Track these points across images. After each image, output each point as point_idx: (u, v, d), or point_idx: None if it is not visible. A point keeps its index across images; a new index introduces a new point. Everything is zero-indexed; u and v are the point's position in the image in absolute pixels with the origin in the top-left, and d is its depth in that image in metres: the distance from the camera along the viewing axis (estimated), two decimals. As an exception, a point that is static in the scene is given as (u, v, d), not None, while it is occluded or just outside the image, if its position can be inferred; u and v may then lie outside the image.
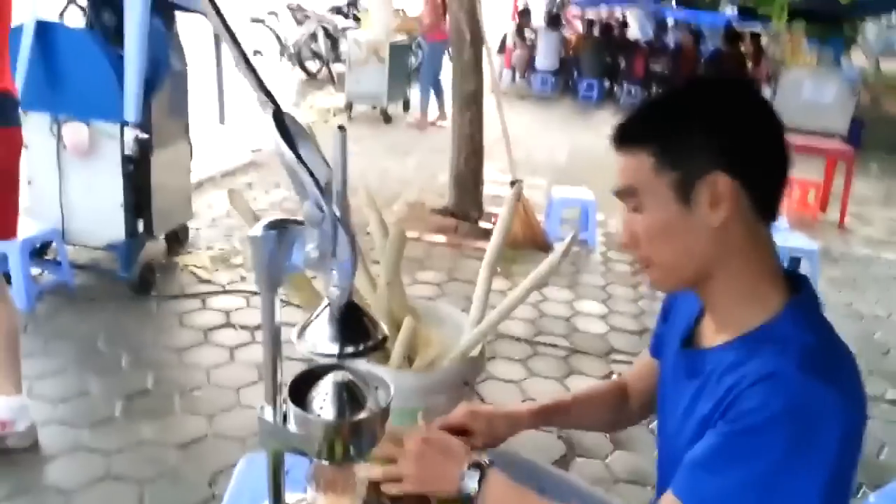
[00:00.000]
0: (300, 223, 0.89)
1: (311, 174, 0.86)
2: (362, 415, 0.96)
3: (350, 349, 0.90)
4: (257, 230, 0.89)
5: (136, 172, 3.17)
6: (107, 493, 2.02)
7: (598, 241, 4.69)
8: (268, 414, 0.99)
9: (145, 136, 3.12)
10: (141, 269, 3.25)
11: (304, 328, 0.93)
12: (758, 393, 0.83)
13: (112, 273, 3.28)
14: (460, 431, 1.19)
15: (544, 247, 4.38)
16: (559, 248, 1.45)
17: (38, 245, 3.22)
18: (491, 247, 1.63)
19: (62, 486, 2.02)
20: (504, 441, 1.24)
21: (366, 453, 1.00)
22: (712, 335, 1.00)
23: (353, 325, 0.92)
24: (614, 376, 1.73)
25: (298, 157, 0.85)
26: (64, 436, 2.25)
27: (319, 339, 0.90)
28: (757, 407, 0.82)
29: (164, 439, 2.27)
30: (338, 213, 0.87)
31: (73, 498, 1.98)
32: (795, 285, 0.96)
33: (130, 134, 3.07)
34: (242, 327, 3.09)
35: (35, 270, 3.22)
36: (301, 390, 0.99)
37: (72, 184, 3.17)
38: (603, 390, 1.32)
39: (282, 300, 0.93)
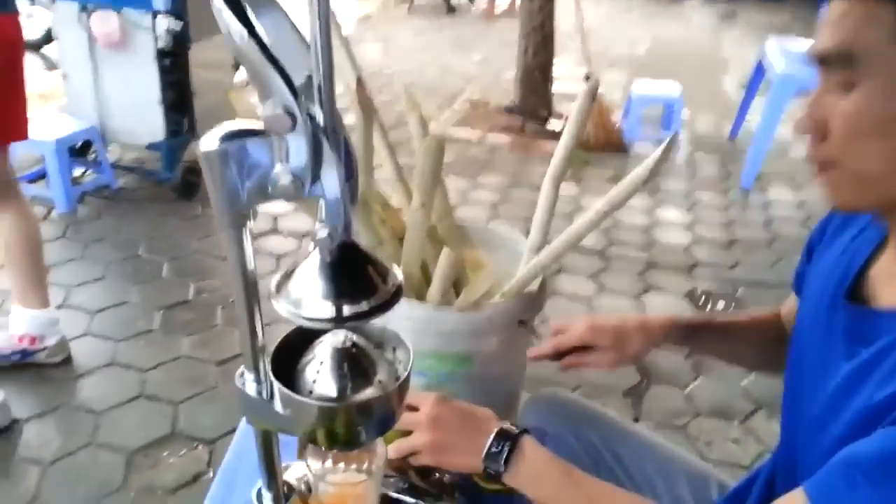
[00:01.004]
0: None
1: (273, 60, 0.56)
2: (370, 392, 0.70)
3: (350, 310, 0.62)
4: (211, 142, 0.61)
5: (173, 67, 2.92)
6: (139, 413, 1.88)
7: (683, 141, 4.24)
8: (249, 386, 0.75)
9: (180, 25, 2.84)
10: (184, 171, 3.05)
11: (283, 280, 0.66)
12: None
13: (156, 174, 3.11)
14: (582, 350, 1.03)
15: (621, 148, 3.97)
16: (651, 158, 1.11)
17: (78, 144, 3.05)
18: (556, 158, 1.30)
19: (93, 406, 1.89)
20: (638, 359, 1.03)
21: (378, 436, 0.75)
22: None
23: (352, 274, 0.64)
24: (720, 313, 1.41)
25: (251, 31, 0.55)
26: (99, 350, 2.11)
27: (307, 298, 0.63)
28: None
29: (204, 355, 2.12)
30: (320, 119, 0.58)
31: (103, 418, 1.86)
32: None
33: (163, 23, 2.80)
34: (290, 234, 2.89)
35: (78, 171, 3.08)
36: (290, 354, 0.74)
37: (107, 79, 2.95)
38: (764, 318, 1.05)
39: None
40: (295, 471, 0.90)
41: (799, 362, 0.81)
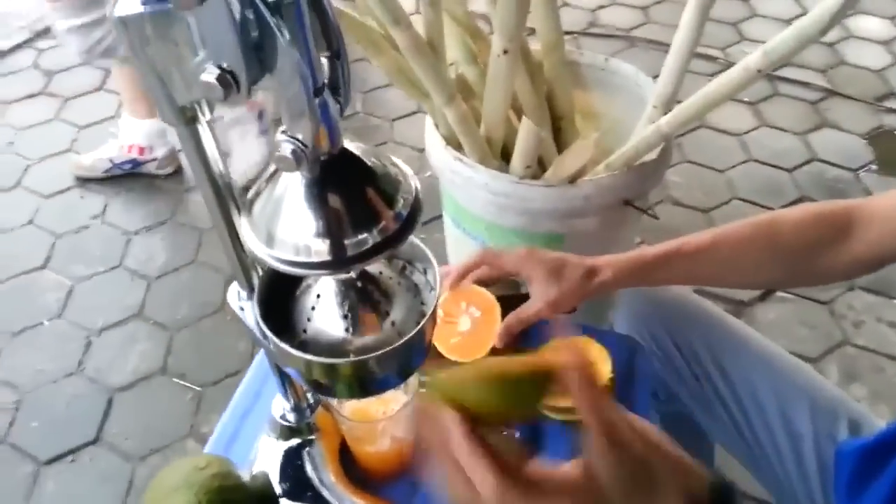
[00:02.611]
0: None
1: None
2: (377, 339, 0.54)
3: (354, 246, 0.44)
4: (127, 2, 0.42)
5: None
6: (240, 234, 1.87)
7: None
8: (246, 309, 0.61)
9: None
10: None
11: (253, 200, 0.48)
12: None
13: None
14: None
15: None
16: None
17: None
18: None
19: (198, 223, 1.90)
20: (575, 300, 0.80)
21: (397, 385, 0.60)
22: None
23: (351, 195, 0.46)
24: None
25: None
26: (206, 162, 2.09)
27: (284, 231, 0.46)
28: None
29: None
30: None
31: (207, 236, 1.86)
32: None
33: None
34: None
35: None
36: (284, 280, 0.58)
37: None
38: (794, 218, 0.78)
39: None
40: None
41: None
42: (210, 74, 0.40)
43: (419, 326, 0.53)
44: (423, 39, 0.88)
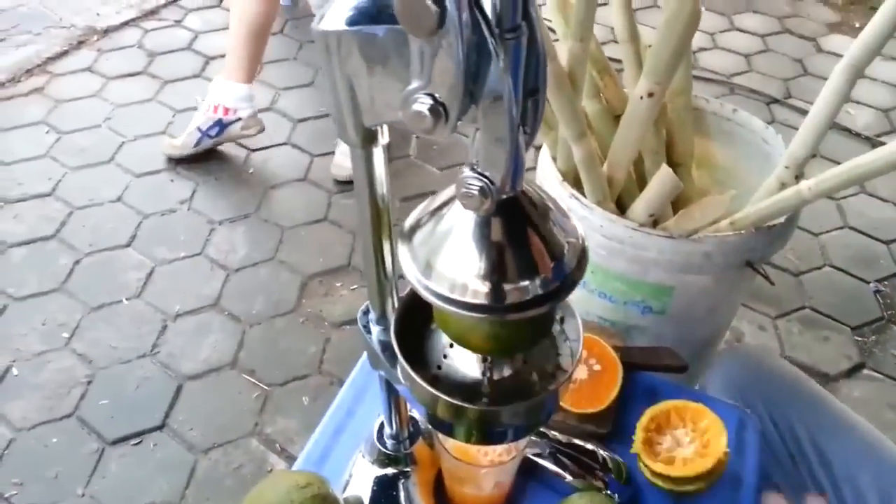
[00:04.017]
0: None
1: None
2: (513, 386, 0.52)
3: (514, 293, 0.42)
4: (335, 19, 0.40)
5: None
6: (320, 237, 1.86)
7: None
8: (374, 330, 0.59)
9: None
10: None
11: (413, 227, 0.46)
12: None
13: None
14: None
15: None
16: None
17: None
18: (866, 35, 0.89)
19: (280, 221, 1.90)
20: None
21: (525, 436, 0.57)
22: None
23: (518, 238, 0.43)
24: None
25: None
26: (294, 161, 2.09)
27: (447, 265, 0.43)
28: None
29: (395, 189, 2.03)
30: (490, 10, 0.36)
31: (288, 235, 1.86)
32: None
33: None
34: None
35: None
36: (422, 310, 0.56)
37: None
38: None
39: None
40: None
41: None
42: (423, 104, 0.38)
43: (561, 381, 0.50)
44: (566, 72, 0.86)
